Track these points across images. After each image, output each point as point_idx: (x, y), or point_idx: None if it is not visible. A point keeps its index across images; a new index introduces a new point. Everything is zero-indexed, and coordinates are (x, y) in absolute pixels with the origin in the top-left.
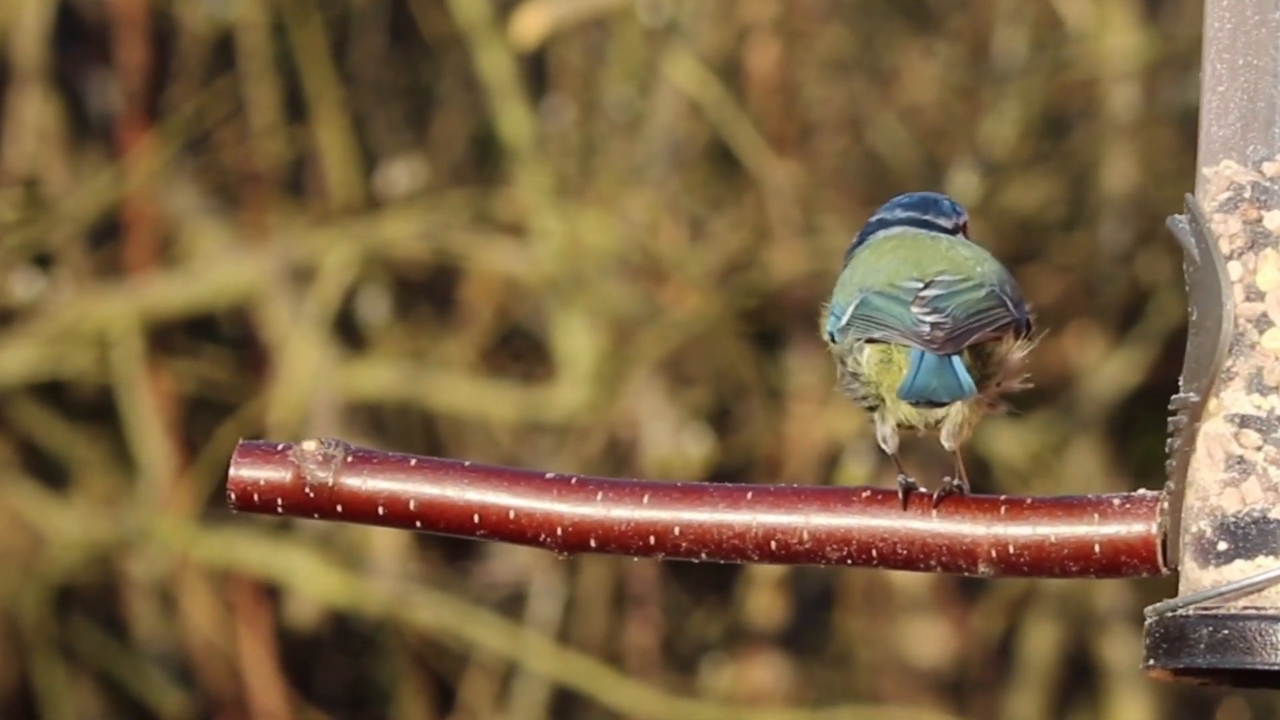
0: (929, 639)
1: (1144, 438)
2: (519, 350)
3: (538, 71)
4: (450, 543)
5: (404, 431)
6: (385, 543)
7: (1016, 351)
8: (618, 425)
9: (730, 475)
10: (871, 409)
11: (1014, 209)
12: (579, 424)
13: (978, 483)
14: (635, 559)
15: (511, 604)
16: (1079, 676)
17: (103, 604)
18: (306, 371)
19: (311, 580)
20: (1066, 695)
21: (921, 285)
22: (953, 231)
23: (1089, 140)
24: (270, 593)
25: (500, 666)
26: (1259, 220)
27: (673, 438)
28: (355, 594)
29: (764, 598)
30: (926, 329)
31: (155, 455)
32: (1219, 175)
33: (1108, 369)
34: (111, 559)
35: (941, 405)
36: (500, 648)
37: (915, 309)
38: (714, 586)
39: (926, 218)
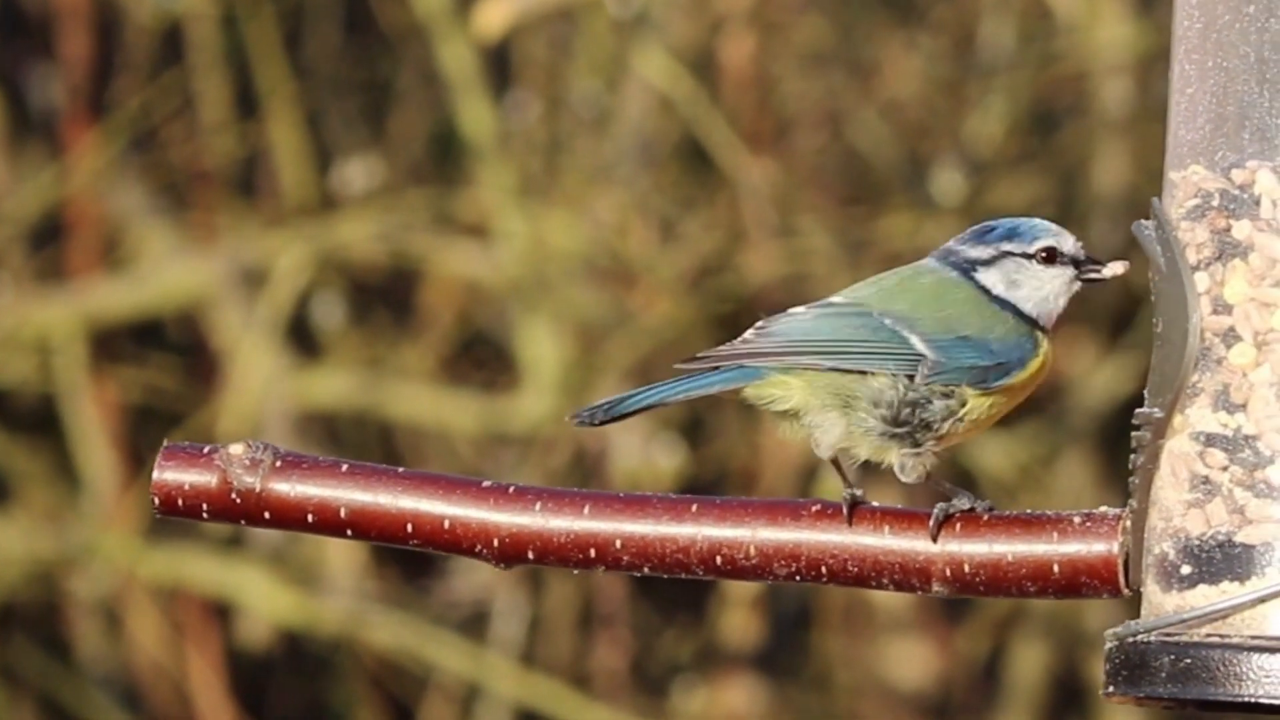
0: (911, 660)
1: (1131, 449)
2: (481, 357)
3: (501, 65)
4: (409, 559)
5: (360, 442)
6: (341, 559)
7: (887, 390)
8: (585, 436)
9: (703, 488)
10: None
11: (1001, 209)
12: (544, 435)
13: None
14: (586, 572)
15: (473, 623)
16: (1068, 699)
17: (45, 623)
18: (258, 380)
19: (263, 599)
20: (1054, 719)
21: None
22: (989, 260)
23: (1079, 137)
24: (220, 612)
25: (461, 689)
26: (1227, 229)
27: (643, 449)
28: (309, 613)
29: (738, 616)
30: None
31: (99, 468)
32: (1186, 181)
33: (1098, 377)
34: (54, 576)
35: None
36: (461, 669)
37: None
38: (686, 605)
39: (966, 250)
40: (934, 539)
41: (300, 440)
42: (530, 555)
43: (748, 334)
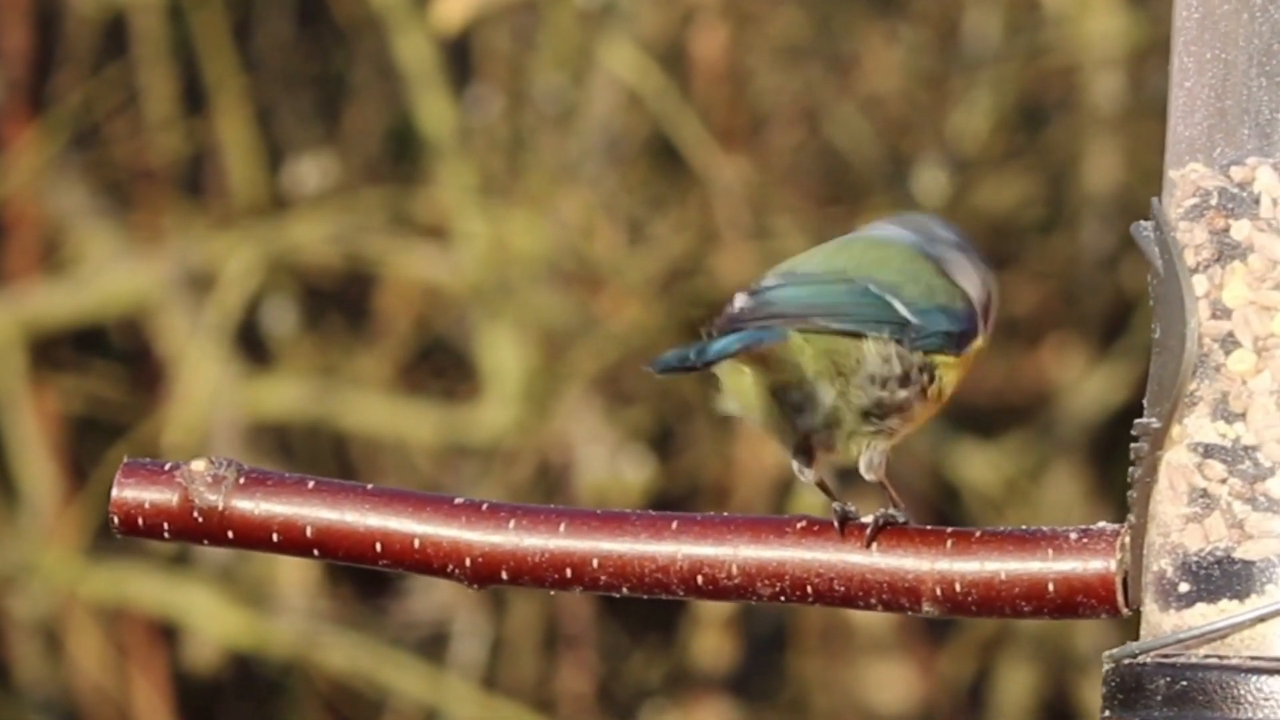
0: (892, 683)
1: (1129, 462)
2: (440, 365)
3: (461, 58)
4: (364, 577)
5: (313, 454)
6: (293, 578)
7: (879, 354)
8: (549, 448)
9: (673, 503)
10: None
11: (986, 209)
12: (506, 447)
13: (947, 512)
14: (560, 593)
15: (432, 645)
16: None
17: None
18: (206, 389)
19: (211, 619)
20: None
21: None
22: (950, 244)
23: (1069, 134)
24: (166, 633)
25: (419, 713)
26: (1226, 230)
27: (610, 462)
28: (260, 634)
29: (711, 638)
30: (734, 310)
31: (39, 481)
32: (1185, 179)
33: (1089, 386)
34: None
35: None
36: (419, 693)
37: (738, 296)
38: (655, 625)
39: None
40: (868, 546)
41: (250, 452)
42: (504, 575)
43: (742, 302)
